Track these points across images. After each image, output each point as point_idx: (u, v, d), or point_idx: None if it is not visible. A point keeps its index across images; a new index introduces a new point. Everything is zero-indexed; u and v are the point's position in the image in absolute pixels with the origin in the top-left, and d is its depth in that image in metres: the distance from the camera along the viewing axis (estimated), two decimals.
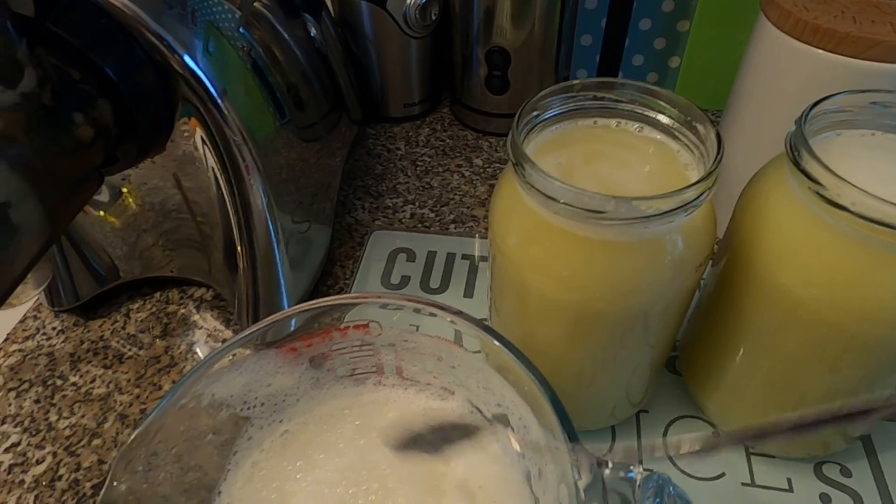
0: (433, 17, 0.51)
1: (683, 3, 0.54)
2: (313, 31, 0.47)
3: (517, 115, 0.25)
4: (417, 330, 0.28)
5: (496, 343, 0.25)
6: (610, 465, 0.22)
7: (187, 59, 0.33)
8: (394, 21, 0.52)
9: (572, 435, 0.22)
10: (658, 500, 0.21)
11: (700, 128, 0.26)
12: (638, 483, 0.22)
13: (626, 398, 0.33)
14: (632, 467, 0.22)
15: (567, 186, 0.23)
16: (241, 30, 0.41)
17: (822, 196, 0.23)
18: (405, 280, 0.44)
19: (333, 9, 0.54)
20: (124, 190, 0.39)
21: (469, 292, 0.43)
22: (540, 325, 0.29)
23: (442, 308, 0.26)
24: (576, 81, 0.28)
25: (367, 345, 0.29)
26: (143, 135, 0.33)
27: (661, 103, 0.27)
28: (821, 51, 0.34)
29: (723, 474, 0.33)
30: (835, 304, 0.25)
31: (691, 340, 0.35)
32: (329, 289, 0.44)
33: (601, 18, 0.55)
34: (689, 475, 0.33)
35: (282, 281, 0.40)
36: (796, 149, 0.24)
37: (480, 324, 0.26)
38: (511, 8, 0.50)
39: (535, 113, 0.27)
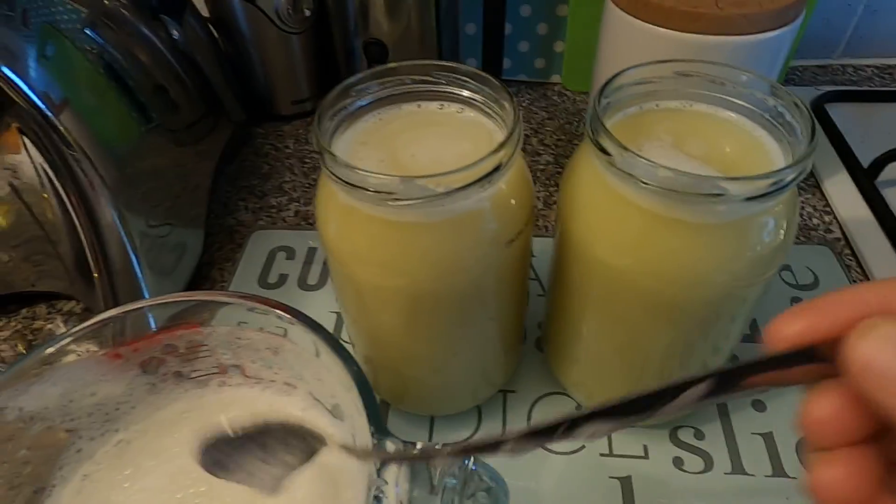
0: (307, 12, 0.51)
1: None
2: (177, 32, 0.46)
3: (321, 105, 0.25)
4: (246, 326, 0.27)
5: (311, 333, 0.25)
6: (416, 448, 0.22)
7: (6, 70, 0.32)
8: (268, 17, 0.51)
9: (379, 425, 0.22)
10: (455, 477, 0.21)
11: (506, 104, 0.26)
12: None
13: (484, 378, 0.34)
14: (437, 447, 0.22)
15: (361, 171, 0.23)
16: (87, 31, 0.40)
17: (616, 168, 0.23)
18: (283, 279, 0.43)
19: (207, 8, 0.53)
20: None
21: None
22: (378, 315, 0.29)
23: (263, 302, 0.26)
24: (391, 65, 0.27)
25: (201, 345, 0.28)
26: None
27: (472, 82, 0.27)
28: (653, 26, 0.35)
29: (582, 447, 0.33)
30: (645, 271, 0.25)
31: (548, 316, 0.35)
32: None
33: (480, 7, 0.55)
34: (548, 451, 0.33)
35: (144, 291, 0.38)
36: (591, 122, 0.24)
37: (300, 315, 0.25)
38: (384, 0, 0.50)
39: (347, 101, 0.27)
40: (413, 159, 0.26)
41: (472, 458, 0.22)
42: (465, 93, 0.28)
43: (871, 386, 0.14)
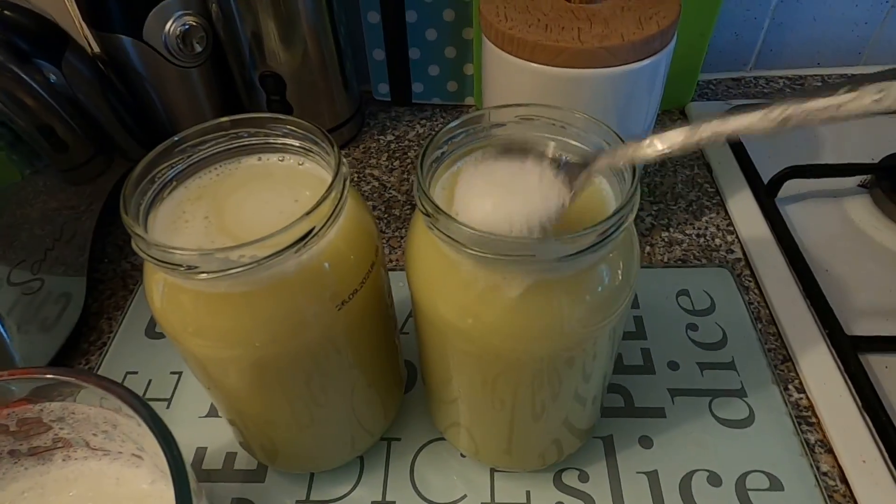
0: (198, 47, 0.49)
1: (463, 10, 0.54)
2: (56, 74, 0.45)
3: (133, 172, 0.24)
4: (81, 401, 0.26)
5: (135, 409, 0.23)
6: None
7: None
8: (159, 54, 0.49)
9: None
10: None
11: (330, 157, 0.25)
12: None
13: (362, 428, 0.32)
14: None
15: (160, 247, 0.21)
16: None
17: (437, 231, 0.22)
18: None
19: (96, 47, 0.51)
20: None
21: None
22: (226, 382, 0.27)
23: (82, 378, 0.24)
24: (222, 120, 0.26)
25: (34, 420, 0.27)
26: None
27: (300, 133, 0.26)
28: (521, 60, 0.34)
29: (464, 496, 0.32)
30: (487, 330, 0.24)
31: (419, 359, 0.34)
32: (91, 345, 0.41)
33: (383, 32, 0.55)
34: (430, 502, 0.32)
35: (11, 353, 0.36)
36: (416, 181, 0.23)
37: (122, 390, 0.24)
38: (277, 31, 0.48)
39: (170, 162, 0.25)
40: (242, 220, 0.25)
41: None
42: (301, 144, 0.26)
43: None
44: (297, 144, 0.26)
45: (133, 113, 0.52)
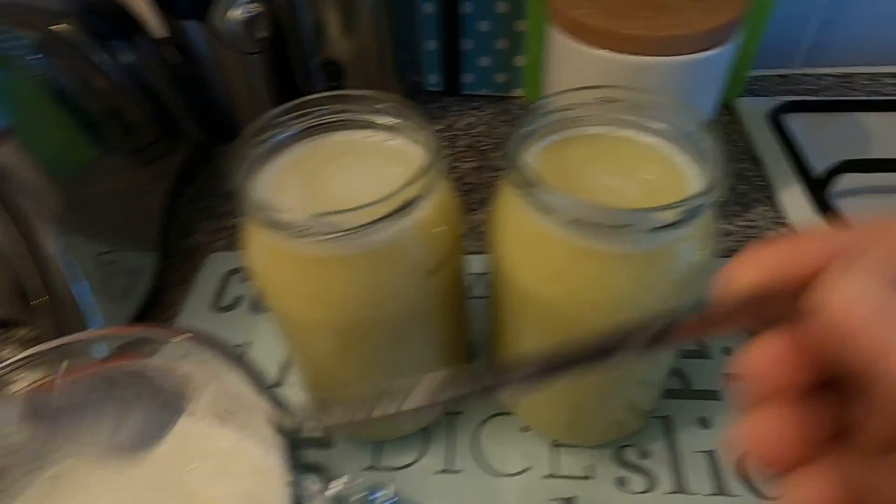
0: (262, 33, 0.51)
1: (517, 2, 0.55)
2: (129, 56, 0.46)
3: (239, 139, 0.25)
4: (184, 359, 0.27)
5: (236, 369, 0.25)
6: (336, 485, 0.22)
7: None
8: (222, 39, 0.51)
9: (296, 461, 0.22)
10: None
11: (426, 134, 0.26)
12: (355, 497, 0.22)
13: None
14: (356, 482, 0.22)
15: (271, 210, 0.23)
16: (34, 58, 0.40)
17: (531, 200, 0.23)
18: (237, 301, 0.43)
19: (166, 30, 0.53)
20: None
21: None
22: (312, 345, 0.29)
23: (184, 333, 0.26)
24: (314, 97, 0.28)
25: (137, 374, 0.28)
26: None
27: (395, 110, 0.27)
28: (589, 47, 0.35)
29: (529, 468, 0.33)
30: (572, 299, 0.25)
31: (490, 335, 0.35)
32: (158, 318, 0.43)
33: (438, 23, 0.56)
34: (494, 473, 0.33)
35: (93, 317, 0.38)
36: (508, 155, 0.24)
37: (226, 349, 0.25)
38: (338, 19, 0.50)
39: (270, 133, 0.27)
40: (336, 190, 0.26)
41: (386, 492, 0.22)
42: (391, 121, 0.28)
43: (849, 334, 0.13)
44: (389, 122, 0.28)
45: (195, 97, 0.53)
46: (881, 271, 0.13)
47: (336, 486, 0.22)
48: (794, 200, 0.47)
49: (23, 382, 0.27)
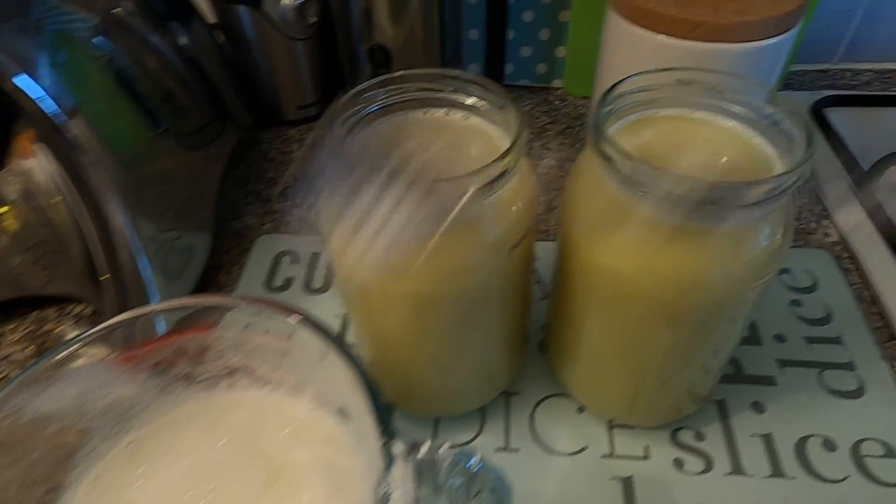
0: (312, 18, 0.51)
1: None
2: (184, 39, 0.47)
3: (327, 113, 0.26)
4: (253, 329, 0.28)
5: (317, 335, 0.25)
6: (423, 449, 0.23)
7: (21, 77, 0.32)
8: (273, 24, 0.51)
9: (387, 426, 0.23)
10: (460, 476, 0.22)
11: (511, 110, 0.26)
12: (447, 461, 0.22)
13: (489, 380, 0.34)
14: (442, 447, 0.23)
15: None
16: (98, 39, 0.41)
17: (617, 174, 0.24)
18: (288, 282, 0.44)
19: (214, 15, 0.54)
20: None
21: None
22: (384, 319, 0.29)
23: (271, 305, 0.26)
24: (398, 73, 0.28)
25: (211, 348, 0.29)
26: None
27: (477, 89, 0.27)
28: (654, 34, 0.35)
29: (586, 447, 0.34)
30: (647, 276, 0.26)
31: (550, 319, 0.36)
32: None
33: (483, 13, 0.56)
34: (552, 452, 0.34)
35: (153, 293, 0.39)
36: (594, 130, 0.25)
37: (306, 317, 0.26)
38: (388, 6, 0.50)
39: (357, 107, 0.27)
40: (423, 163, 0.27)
41: (477, 459, 0.23)
42: (470, 100, 0.28)
43: None
44: (469, 102, 0.28)
45: (242, 82, 0.54)
46: None
47: (424, 450, 0.23)
48: (839, 194, 0.48)
49: (100, 354, 0.27)
